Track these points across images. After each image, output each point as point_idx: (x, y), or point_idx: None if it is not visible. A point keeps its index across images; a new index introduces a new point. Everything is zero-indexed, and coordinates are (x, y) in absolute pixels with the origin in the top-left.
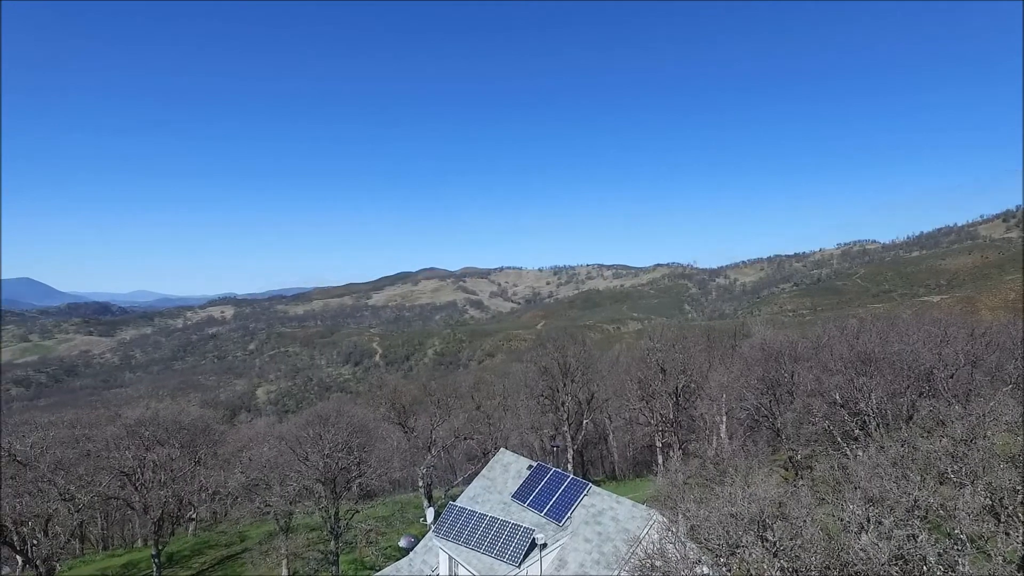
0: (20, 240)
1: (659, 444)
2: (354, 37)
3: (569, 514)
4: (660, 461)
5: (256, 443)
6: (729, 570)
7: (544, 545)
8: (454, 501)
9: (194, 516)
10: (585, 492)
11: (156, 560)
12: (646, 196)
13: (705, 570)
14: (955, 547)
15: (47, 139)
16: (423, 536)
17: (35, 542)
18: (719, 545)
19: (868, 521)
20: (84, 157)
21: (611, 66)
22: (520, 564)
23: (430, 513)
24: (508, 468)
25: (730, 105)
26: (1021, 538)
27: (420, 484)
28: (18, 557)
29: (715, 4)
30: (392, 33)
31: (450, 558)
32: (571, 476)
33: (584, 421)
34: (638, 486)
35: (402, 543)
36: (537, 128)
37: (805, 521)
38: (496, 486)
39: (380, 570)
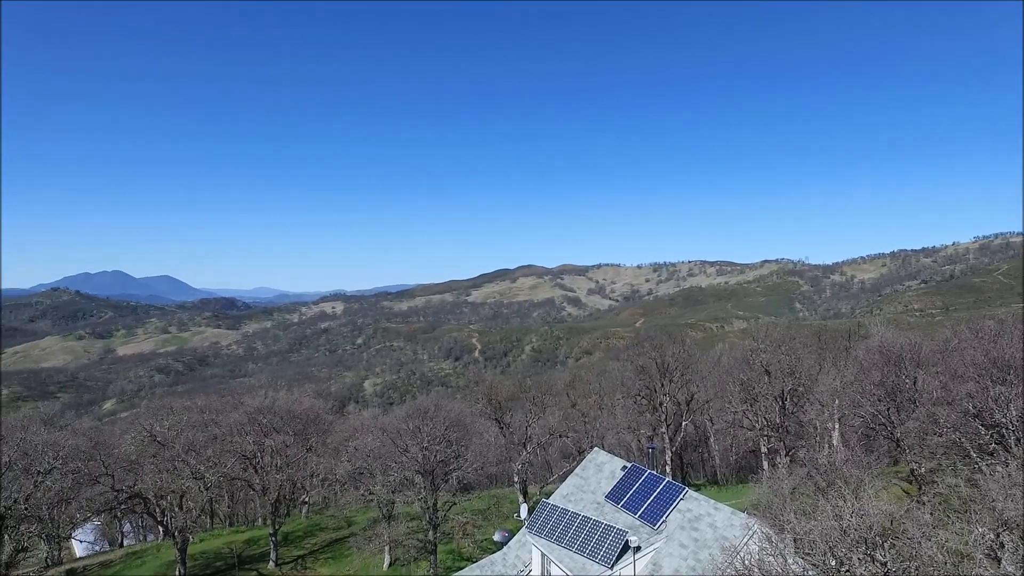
0: (163, 240)
1: (764, 449)
2: (451, 39)
3: (664, 518)
4: (765, 467)
5: (361, 433)
6: None
7: (638, 548)
8: (548, 498)
9: (306, 500)
10: (681, 496)
11: (273, 539)
12: (752, 189)
13: None
14: None
15: (184, 150)
16: (517, 531)
17: (172, 515)
18: (823, 561)
19: (1002, 547)
20: (212, 164)
21: (716, 56)
22: (612, 566)
23: (524, 509)
24: (602, 468)
25: (844, 90)
26: None
27: (515, 479)
28: (159, 527)
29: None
30: (487, 33)
31: (543, 555)
32: (667, 479)
33: (683, 423)
34: (740, 492)
35: (497, 537)
36: (634, 120)
37: (921, 541)
38: (589, 485)
39: (476, 562)
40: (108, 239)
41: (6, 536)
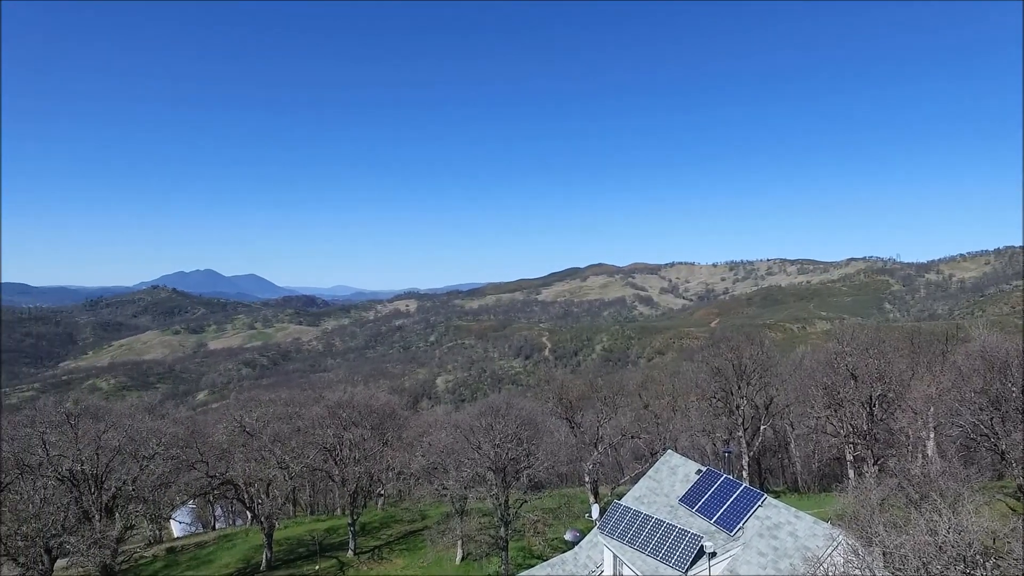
0: (250, 240)
1: (850, 458)
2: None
3: (741, 524)
4: (851, 476)
5: (435, 429)
6: None
7: (713, 554)
8: (620, 500)
9: (382, 492)
10: (759, 503)
11: (352, 528)
12: (836, 183)
13: None
14: None
15: (267, 155)
16: (588, 531)
17: (260, 501)
18: None
19: None
20: (294, 169)
21: (806, 46)
22: (687, 571)
23: (595, 509)
24: (675, 471)
25: (944, 76)
26: None
27: (586, 479)
28: (248, 513)
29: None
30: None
31: (615, 556)
32: (744, 484)
33: (761, 427)
34: (822, 501)
35: (568, 536)
36: (704, 114)
37: None
38: (663, 488)
39: (546, 560)
40: (201, 239)
41: (117, 514)
